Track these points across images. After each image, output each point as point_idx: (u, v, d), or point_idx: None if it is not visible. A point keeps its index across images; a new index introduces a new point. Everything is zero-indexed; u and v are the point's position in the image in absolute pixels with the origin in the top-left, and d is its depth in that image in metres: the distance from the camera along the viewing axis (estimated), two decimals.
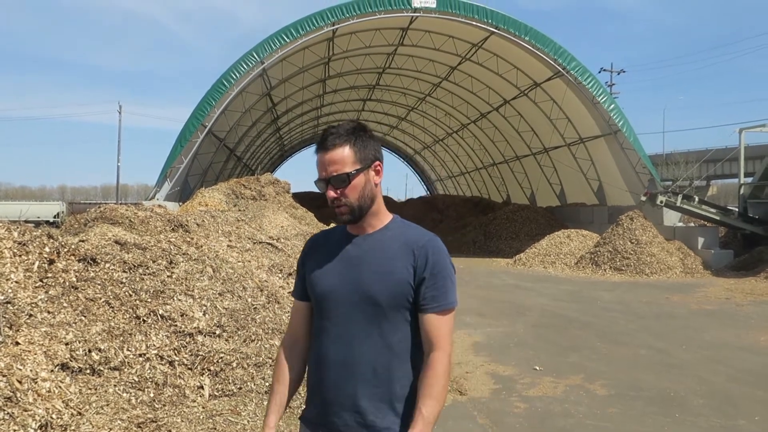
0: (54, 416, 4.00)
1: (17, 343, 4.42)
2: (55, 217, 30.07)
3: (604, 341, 8.93)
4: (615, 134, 23.47)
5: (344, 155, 2.03)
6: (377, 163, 2.12)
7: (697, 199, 19.53)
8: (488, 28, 22.24)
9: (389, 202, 47.67)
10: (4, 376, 3.97)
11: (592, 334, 9.44)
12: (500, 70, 26.27)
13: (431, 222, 33.01)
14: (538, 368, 7.29)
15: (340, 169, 2.03)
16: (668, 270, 17.88)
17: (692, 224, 22.08)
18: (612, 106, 22.92)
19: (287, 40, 20.96)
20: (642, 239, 18.80)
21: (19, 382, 4.04)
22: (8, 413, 3.77)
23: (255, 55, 20.89)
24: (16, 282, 5.01)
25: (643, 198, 19.33)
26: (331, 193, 2.04)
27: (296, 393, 2.25)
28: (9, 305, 4.65)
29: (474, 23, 22.18)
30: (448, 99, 33.30)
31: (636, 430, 5.35)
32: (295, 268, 2.71)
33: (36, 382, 4.17)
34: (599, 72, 49.28)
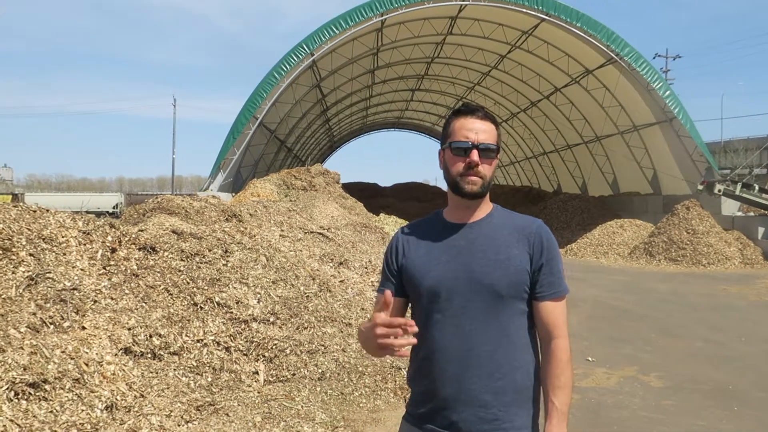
0: (119, 398, 4.18)
1: (83, 328, 4.63)
2: (114, 207, 31.05)
3: (658, 333, 8.75)
4: (670, 121, 22.82)
5: (493, 131, 2.01)
6: (498, 157, 2.07)
7: (757, 187, 18.83)
8: (539, 15, 21.87)
9: (438, 192, 47.53)
10: (72, 358, 4.16)
11: (647, 326, 9.26)
12: (551, 57, 25.82)
13: None
14: (590, 359, 7.21)
15: (490, 140, 1.98)
16: (726, 261, 17.35)
17: (752, 214, 21.31)
18: (667, 92, 22.27)
19: (336, 32, 21.06)
20: (699, 229, 18.28)
21: (86, 364, 4.23)
22: (77, 394, 3.96)
23: (305, 47, 21.07)
24: (81, 269, 5.23)
25: (700, 187, 18.77)
26: (475, 158, 1.95)
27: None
28: (75, 291, 4.87)
29: (524, 10, 21.84)
30: (497, 88, 32.92)
31: (693, 424, 5.25)
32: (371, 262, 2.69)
33: (101, 365, 4.36)
34: (654, 58, 48.01)
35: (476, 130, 1.97)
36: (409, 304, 2.16)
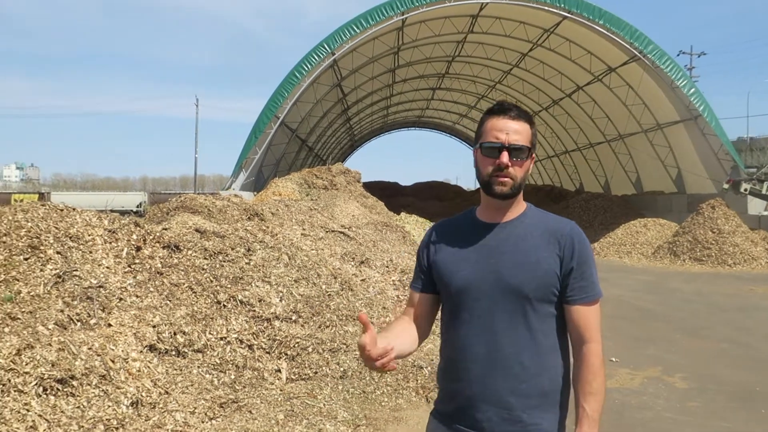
0: (144, 394, 4.24)
1: (109, 325, 4.70)
2: (137, 206, 31.37)
3: (683, 334, 8.65)
4: (695, 119, 22.54)
5: (527, 131, 1.97)
6: (534, 155, 2.04)
7: None
8: (560, 12, 21.72)
9: (459, 191, 47.40)
10: (98, 355, 4.23)
11: (671, 327, 9.16)
12: (573, 55, 25.63)
13: None
14: (614, 360, 7.14)
15: (521, 141, 1.95)
16: (752, 261, 17.07)
17: None
18: (692, 90, 22.00)
19: (357, 31, 21.11)
20: (724, 228, 18.00)
21: (112, 361, 4.30)
22: (103, 390, 4.02)
23: (326, 46, 21.14)
24: (107, 267, 5.31)
25: (726, 186, 18.52)
26: (505, 159, 1.92)
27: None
28: (101, 289, 4.94)
29: (546, 8, 21.71)
30: (519, 86, 32.76)
31: (718, 426, 5.18)
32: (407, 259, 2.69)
33: (127, 362, 4.42)
34: (678, 55, 47.33)
35: (507, 131, 1.94)
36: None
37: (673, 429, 5.10)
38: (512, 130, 1.94)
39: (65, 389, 3.84)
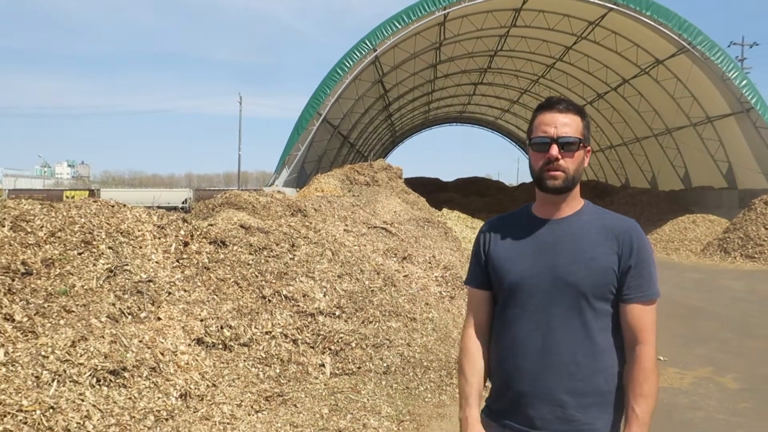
0: (192, 387, 4.33)
1: (159, 318, 4.81)
2: (183, 203, 31.99)
3: (735, 333, 8.41)
4: (747, 112, 21.84)
5: (577, 123, 1.95)
6: (589, 148, 2.02)
7: None
8: (606, 4, 21.30)
9: (501, 187, 46.99)
10: (149, 348, 4.33)
11: (722, 326, 8.91)
12: (619, 48, 25.11)
13: None
14: (662, 358, 6.99)
15: (571, 133, 1.93)
16: None
17: None
18: (744, 82, 21.34)
19: (399, 27, 21.10)
20: None
21: (162, 354, 4.40)
22: (153, 382, 4.12)
23: (367, 42, 21.19)
24: (156, 262, 5.44)
25: None
26: (554, 152, 1.91)
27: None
28: (151, 283, 5.06)
29: (590, 0, 21.33)
30: (562, 80, 32.26)
31: None
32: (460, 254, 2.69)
33: (176, 355, 4.52)
34: (728, 46, 46.07)
35: (556, 124, 1.93)
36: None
37: (724, 430, 4.96)
38: (561, 123, 1.93)
39: (117, 380, 3.95)
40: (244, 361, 5.02)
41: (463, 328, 2.18)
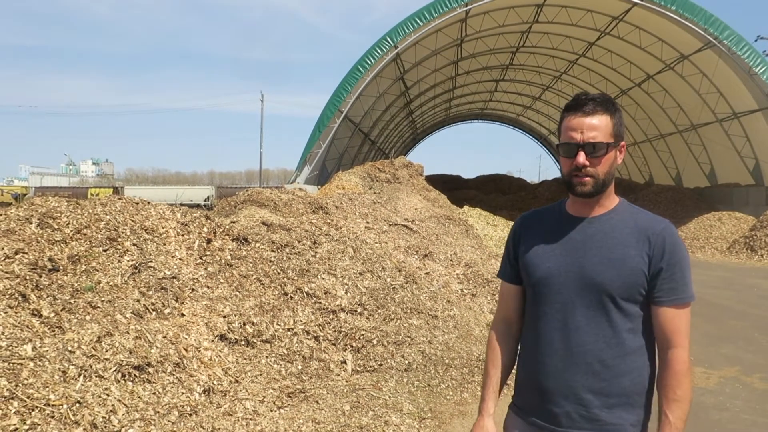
0: (215, 382, 4.36)
1: (182, 315, 4.86)
2: (205, 200, 32.30)
3: (763, 333, 8.27)
4: None
5: (605, 124, 1.89)
6: (624, 143, 1.98)
7: None
8: None
9: (523, 184, 46.69)
10: (173, 344, 4.37)
11: (749, 325, 8.77)
12: (643, 43, 24.81)
13: None
14: None
15: (599, 137, 1.87)
16: None
17: None
18: None
19: (420, 23, 21.05)
20: None
21: (185, 350, 4.44)
22: (177, 377, 4.16)
23: (389, 39, 21.18)
24: (180, 259, 5.49)
25: None
26: (581, 160, 1.87)
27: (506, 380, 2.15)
28: (175, 280, 5.11)
29: None
30: (585, 76, 31.96)
31: None
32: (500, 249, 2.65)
33: (199, 351, 4.56)
34: (756, 40, 44.97)
35: (582, 128, 1.88)
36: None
37: (752, 431, 4.89)
38: (587, 127, 1.88)
39: (142, 376, 3.99)
40: (267, 357, 5.05)
41: (492, 321, 2.19)
